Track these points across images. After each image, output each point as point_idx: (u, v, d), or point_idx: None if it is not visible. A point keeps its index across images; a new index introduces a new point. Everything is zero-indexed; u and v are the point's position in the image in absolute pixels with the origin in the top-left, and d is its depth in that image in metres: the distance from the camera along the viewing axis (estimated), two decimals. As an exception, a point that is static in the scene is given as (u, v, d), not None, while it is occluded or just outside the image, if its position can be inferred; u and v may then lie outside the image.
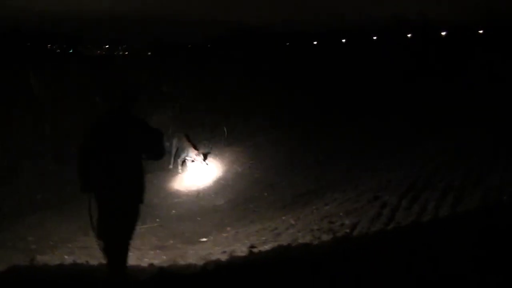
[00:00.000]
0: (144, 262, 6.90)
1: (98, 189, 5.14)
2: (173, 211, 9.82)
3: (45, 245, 8.08)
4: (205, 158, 13.61)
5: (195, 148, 13.60)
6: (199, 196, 11.14)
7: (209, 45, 60.23)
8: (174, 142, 13.98)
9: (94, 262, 6.94)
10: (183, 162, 13.62)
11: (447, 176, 8.81)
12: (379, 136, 13.50)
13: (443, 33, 44.26)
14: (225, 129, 16.27)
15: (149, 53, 50.11)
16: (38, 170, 11.64)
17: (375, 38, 54.05)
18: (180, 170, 13.50)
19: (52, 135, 13.11)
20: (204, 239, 8.03)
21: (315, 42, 56.71)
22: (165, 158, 13.37)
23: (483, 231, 5.65)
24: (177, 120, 16.29)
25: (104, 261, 5.99)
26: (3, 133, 12.00)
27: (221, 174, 13.16)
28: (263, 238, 7.43)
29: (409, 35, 49.05)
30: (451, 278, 4.28)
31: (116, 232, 5.26)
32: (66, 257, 7.35)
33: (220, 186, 11.89)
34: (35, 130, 12.85)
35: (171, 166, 13.89)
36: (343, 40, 53.74)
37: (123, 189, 5.10)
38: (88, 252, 7.53)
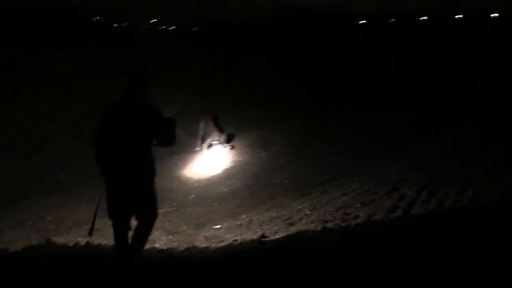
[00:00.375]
0: (155, 247, 6.89)
1: (111, 173, 5.21)
2: (192, 196, 9.80)
3: (62, 226, 8.20)
4: (229, 141, 13.58)
5: (220, 131, 13.58)
6: (219, 181, 11.10)
7: (254, 23, 58.87)
8: (201, 125, 13.99)
9: (106, 245, 6.99)
10: (209, 146, 13.65)
11: (467, 171, 8.69)
12: (400, 130, 13.40)
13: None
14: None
15: (196, 28, 48.99)
16: (63, 149, 11.68)
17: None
18: (205, 153, 13.52)
19: (78, 113, 13.13)
20: (218, 226, 8.01)
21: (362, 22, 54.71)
22: (192, 141, 13.47)
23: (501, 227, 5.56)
24: (208, 101, 16.14)
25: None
26: (29, 112, 12.04)
27: (245, 158, 13.10)
28: (275, 228, 7.40)
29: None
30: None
31: (127, 218, 5.37)
32: (79, 239, 7.41)
33: (242, 171, 11.84)
34: (60, 109, 12.85)
35: (197, 149, 13.90)
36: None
37: (134, 175, 5.17)
38: (102, 234, 7.58)
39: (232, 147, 13.63)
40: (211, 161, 13.08)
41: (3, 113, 11.64)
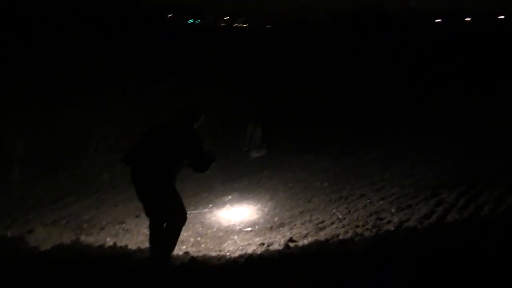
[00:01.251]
0: (181, 249, 6.79)
1: (134, 176, 5.57)
2: (229, 197, 9.67)
3: (95, 226, 8.21)
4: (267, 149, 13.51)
5: (263, 140, 13.52)
6: (259, 182, 10.94)
7: (328, 20, 58.01)
8: (249, 128, 13.92)
9: (132, 246, 6.94)
10: (256, 150, 13.59)
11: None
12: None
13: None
14: None
15: (269, 26, 48.50)
16: (105, 150, 11.74)
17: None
18: (251, 156, 13.45)
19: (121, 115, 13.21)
20: (248, 229, 7.91)
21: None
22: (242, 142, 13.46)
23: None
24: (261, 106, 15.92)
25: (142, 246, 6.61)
26: (73, 112, 12.16)
27: (289, 160, 12.90)
28: (305, 232, 7.27)
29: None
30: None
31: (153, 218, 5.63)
32: (108, 239, 7.40)
33: (283, 173, 11.64)
34: (103, 110, 12.96)
35: (245, 149, 13.81)
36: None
37: (151, 184, 5.50)
38: (130, 236, 7.55)
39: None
40: (254, 163, 12.93)
41: (46, 114, 11.73)
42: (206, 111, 5.85)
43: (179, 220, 5.58)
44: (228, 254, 6.57)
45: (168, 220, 5.53)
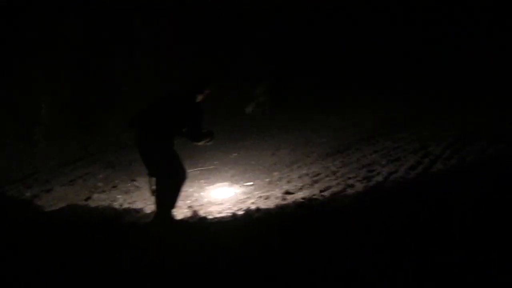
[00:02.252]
0: (186, 204, 7.15)
1: (137, 138, 5.90)
2: (234, 154, 10.01)
3: (110, 184, 8.50)
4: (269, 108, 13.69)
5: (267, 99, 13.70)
6: (263, 140, 11.24)
7: None
8: (257, 89, 14.07)
9: (141, 202, 7.33)
10: (261, 110, 13.78)
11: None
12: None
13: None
14: None
15: None
16: (124, 111, 11.96)
17: None
18: (246, 111, 13.65)
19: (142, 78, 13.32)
20: (249, 183, 8.21)
21: None
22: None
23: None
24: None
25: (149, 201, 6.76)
26: (100, 73, 12.36)
27: (293, 119, 13.15)
28: (301, 185, 7.54)
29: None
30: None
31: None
32: (118, 196, 7.76)
33: (286, 130, 11.93)
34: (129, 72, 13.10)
35: (251, 110, 14.00)
36: None
37: (151, 145, 5.84)
38: (139, 192, 7.90)
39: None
40: (261, 121, 13.19)
41: (68, 76, 11.91)
42: (214, 84, 6.05)
43: (179, 178, 5.89)
44: (228, 206, 6.93)
45: (170, 178, 5.84)
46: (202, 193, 7.81)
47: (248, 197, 7.36)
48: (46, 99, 11.05)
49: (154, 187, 5.94)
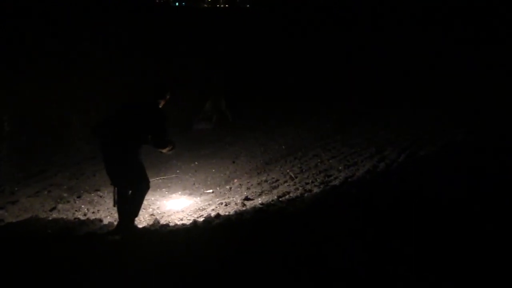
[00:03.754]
0: (148, 212, 7.08)
1: (103, 150, 5.73)
2: (195, 163, 9.92)
3: (74, 194, 8.35)
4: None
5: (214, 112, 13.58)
6: (223, 148, 11.18)
7: None
8: (208, 103, 13.89)
9: (104, 211, 7.21)
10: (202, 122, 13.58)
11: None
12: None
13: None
14: None
15: (248, 6, 46.76)
16: (86, 123, 11.81)
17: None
18: (193, 128, 13.45)
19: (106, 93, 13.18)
20: (210, 191, 8.19)
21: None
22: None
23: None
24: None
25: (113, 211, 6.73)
26: (56, 89, 12.16)
27: (252, 127, 13.13)
28: (260, 191, 7.54)
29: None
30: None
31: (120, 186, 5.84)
32: (83, 206, 7.63)
33: (245, 139, 11.89)
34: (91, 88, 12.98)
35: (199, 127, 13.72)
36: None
37: (118, 156, 5.68)
38: (103, 202, 7.79)
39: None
40: (218, 132, 13.05)
41: (37, 92, 11.73)
42: (172, 90, 5.99)
43: (142, 188, 5.80)
44: (189, 214, 6.86)
45: (133, 188, 5.76)
46: (164, 201, 7.74)
47: (208, 204, 7.33)
48: (6, 113, 10.84)
49: (116, 196, 5.83)
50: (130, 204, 5.77)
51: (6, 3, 13.74)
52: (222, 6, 52.19)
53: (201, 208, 7.17)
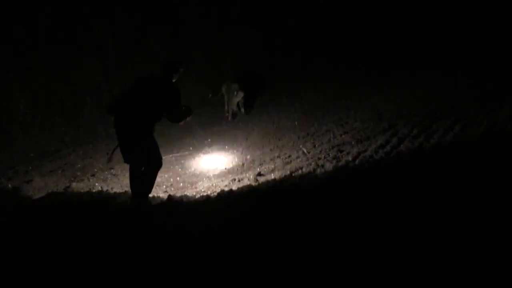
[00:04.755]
0: (161, 189, 7.01)
1: (118, 127, 5.65)
2: (208, 140, 9.84)
3: (87, 173, 8.34)
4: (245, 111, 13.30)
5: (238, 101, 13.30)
6: (236, 125, 11.08)
7: None
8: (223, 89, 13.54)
9: (118, 189, 7.15)
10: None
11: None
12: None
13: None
14: None
15: None
16: (99, 103, 11.75)
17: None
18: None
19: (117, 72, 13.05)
20: (223, 167, 8.07)
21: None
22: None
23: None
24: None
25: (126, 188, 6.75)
26: (69, 69, 12.01)
27: (266, 103, 12.96)
28: (273, 166, 7.42)
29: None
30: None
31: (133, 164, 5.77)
32: (97, 184, 7.58)
33: (258, 116, 11.76)
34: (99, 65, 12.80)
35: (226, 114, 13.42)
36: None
37: (132, 134, 5.62)
38: (117, 180, 7.74)
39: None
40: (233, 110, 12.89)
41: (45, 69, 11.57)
42: (185, 64, 5.90)
43: (155, 165, 5.78)
44: (203, 190, 6.79)
45: (146, 165, 5.70)
46: (178, 178, 7.66)
47: (221, 180, 7.26)
48: (21, 95, 10.77)
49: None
50: (143, 181, 5.73)
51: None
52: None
53: (214, 184, 7.10)
